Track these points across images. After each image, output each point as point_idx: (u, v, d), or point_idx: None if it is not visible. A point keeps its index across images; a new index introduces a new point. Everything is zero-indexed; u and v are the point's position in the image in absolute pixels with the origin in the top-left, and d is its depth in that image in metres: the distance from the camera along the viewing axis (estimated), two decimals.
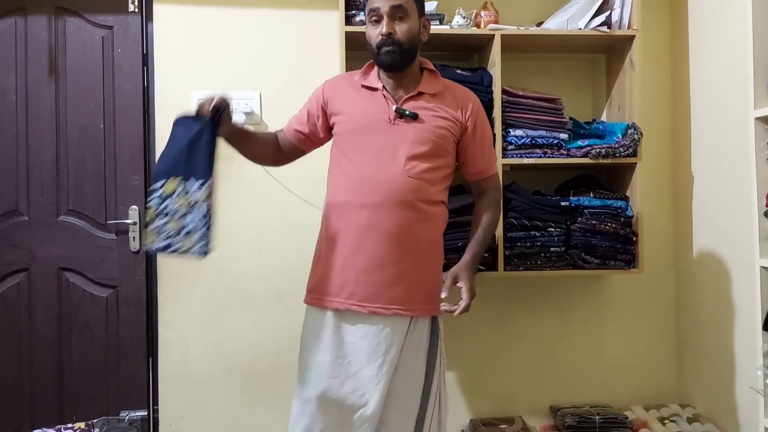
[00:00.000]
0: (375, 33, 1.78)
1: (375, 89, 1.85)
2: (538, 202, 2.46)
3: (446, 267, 1.90)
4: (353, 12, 2.40)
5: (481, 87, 2.40)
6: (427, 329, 1.82)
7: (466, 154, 1.92)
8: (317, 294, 1.81)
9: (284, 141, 2.00)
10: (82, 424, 1.98)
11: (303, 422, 1.77)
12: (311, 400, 1.76)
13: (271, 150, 1.97)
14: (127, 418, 2.48)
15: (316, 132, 1.95)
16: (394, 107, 1.81)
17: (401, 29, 1.77)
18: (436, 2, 2.46)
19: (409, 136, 1.80)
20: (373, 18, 1.78)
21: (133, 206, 2.61)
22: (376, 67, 1.89)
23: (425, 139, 1.80)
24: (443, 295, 1.76)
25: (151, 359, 2.64)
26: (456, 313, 1.73)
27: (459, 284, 1.80)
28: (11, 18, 2.58)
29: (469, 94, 1.96)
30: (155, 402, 2.63)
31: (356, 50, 2.35)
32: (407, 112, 1.80)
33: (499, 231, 2.39)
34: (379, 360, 1.73)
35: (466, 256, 1.87)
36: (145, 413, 2.58)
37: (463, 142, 1.90)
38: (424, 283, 1.81)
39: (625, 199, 2.48)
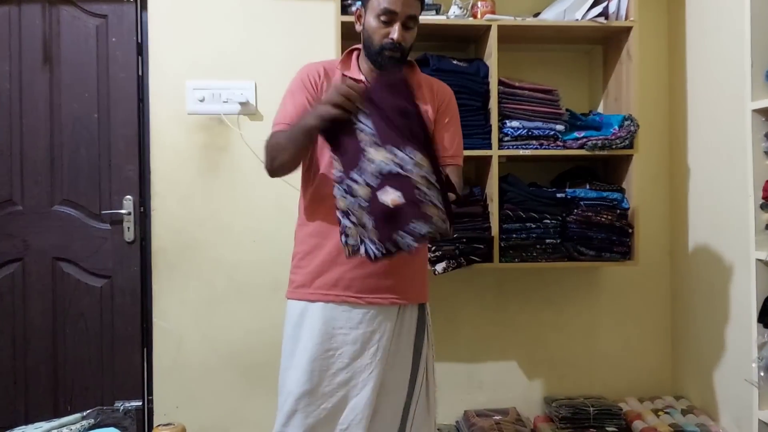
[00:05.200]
0: (381, 33, 1.70)
1: (358, 81, 1.76)
2: (533, 194, 2.45)
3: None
4: (349, 2, 2.38)
5: (477, 78, 2.39)
6: (415, 316, 1.80)
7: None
8: (309, 288, 1.78)
9: None
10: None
11: (297, 418, 1.74)
12: (303, 396, 1.73)
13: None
14: (121, 408, 2.47)
15: None
16: None
17: (409, 38, 1.73)
18: None
19: None
20: (384, 18, 1.69)
21: (128, 196, 2.60)
22: (355, 58, 1.82)
23: None
24: None
25: (145, 349, 2.64)
26: None
27: None
28: (5, 7, 2.56)
29: (445, 88, 1.90)
30: (150, 392, 2.63)
31: (352, 40, 2.34)
32: None
33: (495, 223, 2.39)
34: (373, 348, 1.73)
35: None
36: (140, 403, 2.57)
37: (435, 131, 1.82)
38: (415, 271, 1.80)
39: (621, 191, 2.48)
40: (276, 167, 1.72)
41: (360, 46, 1.80)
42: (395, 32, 1.69)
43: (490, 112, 2.39)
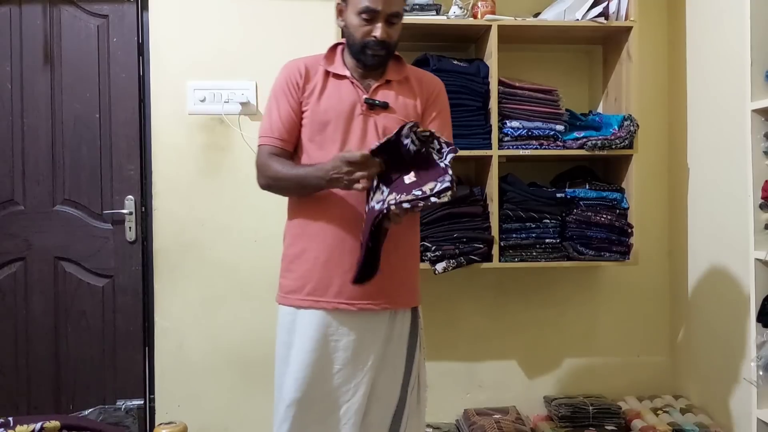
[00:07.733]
0: (363, 30, 1.68)
1: (343, 77, 1.76)
2: (533, 194, 2.46)
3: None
4: None
5: (478, 78, 2.39)
6: (408, 321, 1.79)
7: None
8: (300, 294, 1.74)
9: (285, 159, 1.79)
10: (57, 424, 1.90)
11: (287, 426, 1.73)
12: (293, 403, 1.72)
13: None
14: (123, 406, 2.49)
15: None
16: (364, 97, 1.73)
17: (394, 34, 1.71)
18: None
19: (380, 127, 1.72)
20: (366, 17, 1.67)
21: (129, 196, 2.61)
22: (339, 53, 1.80)
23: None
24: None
25: (147, 348, 2.65)
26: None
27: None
28: (6, 6, 2.57)
29: (435, 80, 1.87)
30: (152, 391, 2.64)
31: None
32: (377, 102, 1.73)
33: (495, 222, 2.40)
34: (365, 354, 1.71)
35: None
36: (142, 402, 2.60)
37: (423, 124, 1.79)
38: (407, 275, 1.79)
39: (621, 190, 2.49)
40: (272, 191, 1.80)
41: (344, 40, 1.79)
42: (378, 30, 1.66)
43: (490, 113, 2.40)
